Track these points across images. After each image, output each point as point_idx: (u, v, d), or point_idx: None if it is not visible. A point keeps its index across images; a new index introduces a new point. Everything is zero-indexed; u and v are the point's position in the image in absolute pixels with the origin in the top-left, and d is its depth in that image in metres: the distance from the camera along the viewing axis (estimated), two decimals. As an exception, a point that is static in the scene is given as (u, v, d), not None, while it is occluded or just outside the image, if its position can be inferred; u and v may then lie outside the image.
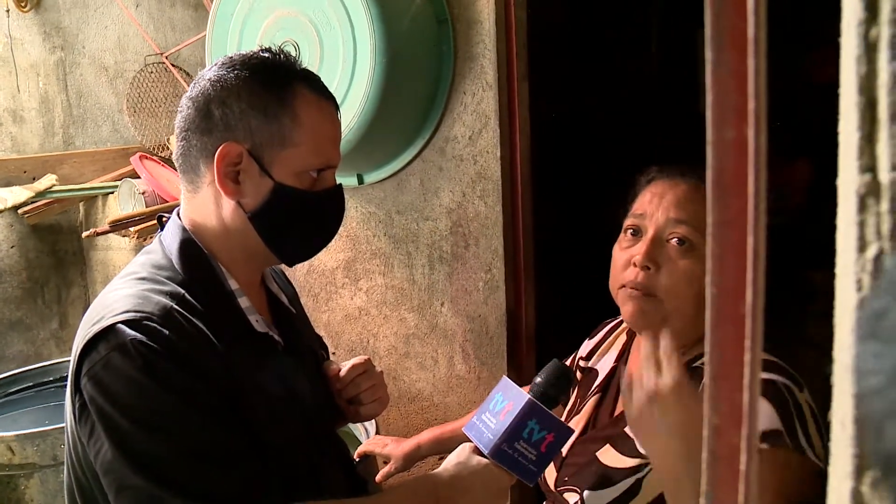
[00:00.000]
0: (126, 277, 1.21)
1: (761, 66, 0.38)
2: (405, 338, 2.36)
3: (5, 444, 2.09)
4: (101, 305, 1.15)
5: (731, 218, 0.41)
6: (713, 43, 0.40)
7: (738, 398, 0.42)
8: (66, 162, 3.16)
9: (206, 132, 1.18)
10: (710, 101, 0.41)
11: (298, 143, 1.18)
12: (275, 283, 1.40)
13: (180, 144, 1.22)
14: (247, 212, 1.19)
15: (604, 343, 1.58)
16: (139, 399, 1.06)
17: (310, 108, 1.19)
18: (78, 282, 3.43)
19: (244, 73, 1.18)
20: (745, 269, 0.40)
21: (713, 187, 0.41)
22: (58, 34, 3.35)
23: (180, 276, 1.19)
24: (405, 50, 1.97)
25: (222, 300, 1.21)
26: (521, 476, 1.20)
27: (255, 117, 1.16)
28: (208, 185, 1.20)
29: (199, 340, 1.12)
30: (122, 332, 1.07)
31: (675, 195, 1.32)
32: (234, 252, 1.23)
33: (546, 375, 1.24)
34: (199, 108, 1.18)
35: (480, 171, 2.11)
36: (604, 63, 3.79)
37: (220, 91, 1.17)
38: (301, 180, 1.20)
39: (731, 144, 0.40)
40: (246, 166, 1.17)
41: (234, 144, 1.16)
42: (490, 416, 1.23)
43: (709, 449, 0.43)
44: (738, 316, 0.41)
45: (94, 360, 1.08)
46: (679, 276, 1.28)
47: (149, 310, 1.10)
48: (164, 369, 1.06)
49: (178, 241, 1.22)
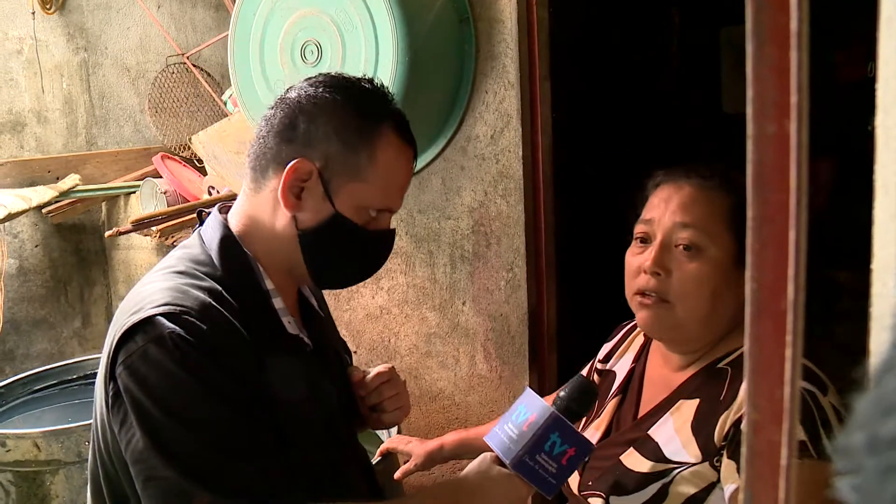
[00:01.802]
0: (163, 270, 1.22)
1: (804, 60, 0.38)
2: (426, 337, 2.36)
3: (31, 441, 2.11)
4: (138, 296, 1.16)
5: (771, 213, 0.41)
6: (754, 38, 0.40)
7: (779, 394, 0.41)
8: (89, 162, 3.19)
9: (286, 141, 1.19)
10: (751, 96, 0.41)
11: (368, 181, 1.19)
12: (307, 287, 1.41)
13: (258, 143, 1.24)
14: (299, 228, 1.20)
15: (621, 345, 1.58)
16: (174, 391, 1.07)
17: (389, 150, 1.20)
18: (100, 281, 3.46)
19: (339, 97, 1.19)
20: (786, 264, 0.40)
21: (753, 182, 0.41)
22: (81, 35, 3.37)
23: (218, 273, 1.20)
24: (427, 49, 1.98)
25: (258, 299, 1.22)
26: (539, 488, 1.20)
27: (337, 143, 1.17)
28: (270, 191, 1.21)
29: (235, 338, 1.13)
30: (161, 324, 1.08)
31: (681, 198, 1.32)
32: (275, 257, 1.24)
33: (570, 390, 1.24)
34: (286, 115, 1.20)
35: (502, 170, 2.11)
36: (624, 63, 3.78)
37: (311, 106, 1.19)
38: (359, 215, 1.21)
39: (772, 139, 0.40)
40: (312, 186, 1.18)
41: (308, 162, 1.17)
42: (513, 426, 1.23)
43: (748, 445, 0.43)
44: (778, 311, 0.41)
45: (131, 349, 1.09)
46: (688, 280, 1.28)
47: (188, 304, 1.11)
48: (199, 364, 1.08)
49: (218, 237, 1.23)
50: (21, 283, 3.27)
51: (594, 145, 3.51)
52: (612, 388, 1.51)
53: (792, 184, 0.39)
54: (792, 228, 0.39)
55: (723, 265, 1.28)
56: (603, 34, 3.74)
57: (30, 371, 2.68)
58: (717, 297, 1.28)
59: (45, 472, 2.13)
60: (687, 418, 1.28)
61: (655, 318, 1.32)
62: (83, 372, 2.73)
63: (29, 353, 3.30)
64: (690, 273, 1.28)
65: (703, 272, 1.27)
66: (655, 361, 1.45)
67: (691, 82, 3.87)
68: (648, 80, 3.80)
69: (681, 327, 1.31)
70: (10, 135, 3.27)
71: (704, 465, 1.23)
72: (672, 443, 1.28)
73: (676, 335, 1.34)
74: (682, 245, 1.29)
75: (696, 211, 1.30)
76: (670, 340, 1.38)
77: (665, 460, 1.26)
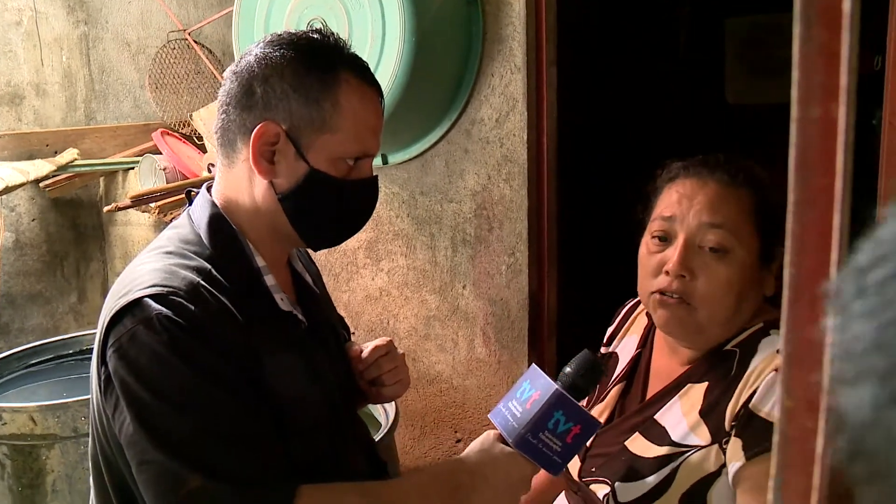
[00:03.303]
0: (153, 251, 1.21)
1: (854, 42, 0.38)
2: (426, 320, 2.36)
3: (27, 415, 2.11)
4: (128, 278, 1.15)
5: (813, 197, 0.40)
6: (803, 19, 0.39)
7: (815, 380, 0.41)
8: (87, 136, 3.17)
9: (247, 109, 1.16)
10: (797, 79, 0.40)
11: (337, 130, 1.16)
12: (300, 263, 1.39)
13: (220, 118, 1.21)
14: (278, 193, 1.18)
15: (623, 326, 1.55)
16: (163, 374, 1.06)
17: (352, 96, 1.17)
18: (97, 256, 3.44)
19: (290, 53, 1.16)
20: (828, 249, 0.39)
21: (796, 166, 0.40)
22: (81, 8, 3.34)
23: (208, 251, 1.18)
24: (434, 29, 1.96)
25: (249, 277, 1.20)
26: (544, 466, 1.18)
27: (297, 99, 1.15)
28: (243, 162, 1.19)
29: (225, 317, 1.11)
30: (149, 306, 1.07)
31: (707, 196, 1.26)
32: (262, 230, 1.22)
33: (576, 366, 1.21)
34: (241, 84, 1.17)
35: (506, 154, 2.10)
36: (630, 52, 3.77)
37: (264, 69, 1.16)
38: (336, 167, 1.18)
39: (818, 122, 0.39)
40: (282, 147, 1.16)
41: (273, 124, 1.15)
42: (516, 404, 1.21)
43: (781, 431, 0.43)
44: (817, 296, 0.40)
45: (119, 332, 1.08)
46: (717, 285, 1.23)
47: (175, 284, 1.10)
48: (188, 345, 1.06)
49: (206, 216, 1.21)
50: (17, 256, 3.25)
51: (598, 132, 3.51)
52: (614, 371, 1.49)
53: (839, 167, 0.38)
54: (837, 213, 0.39)
55: (748, 266, 1.24)
56: (610, 22, 3.72)
57: (25, 345, 2.67)
58: (741, 299, 1.25)
59: (40, 447, 2.13)
60: (695, 402, 1.26)
61: (676, 319, 1.27)
62: (79, 347, 2.72)
63: (24, 327, 3.28)
64: (719, 276, 1.23)
65: (731, 275, 1.23)
66: (662, 352, 1.42)
67: (696, 72, 3.86)
68: (654, 68, 3.79)
69: (702, 329, 1.27)
70: (8, 107, 3.24)
71: (714, 448, 1.21)
72: (680, 427, 1.26)
73: (696, 335, 1.30)
74: (709, 247, 1.24)
75: (724, 211, 1.24)
76: (685, 338, 1.34)
77: (673, 444, 1.25)
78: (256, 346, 1.14)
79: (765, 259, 1.26)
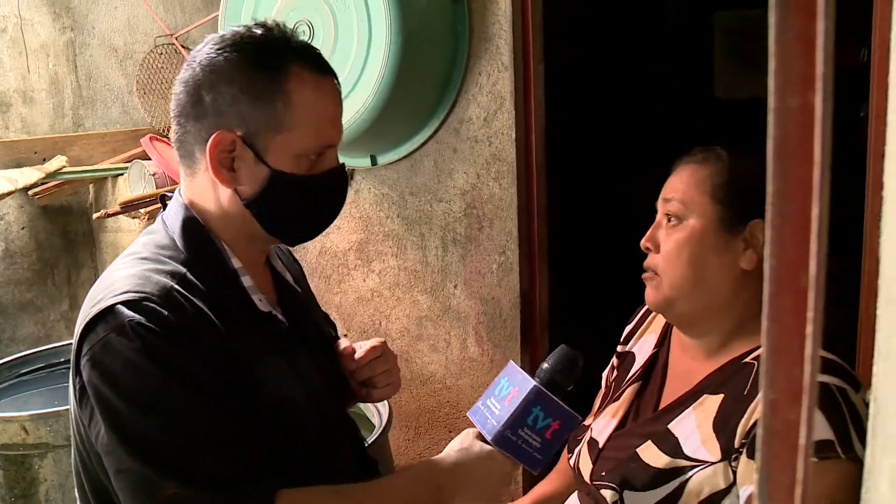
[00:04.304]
0: (128, 257, 1.19)
1: (830, 29, 0.37)
2: (418, 320, 2.35)
3: (19, 424, 2.09)
4: (102, 285, 1.14)
5: (792, 187, 0.40)
6: (778, 6, 0.39)
7: (797, 372, 0.41)
8: (76, 143, 3.15)
9: (198, 118, 1.13)
10: (774, 68, 0.39)
11: (293, 127, 1.13)
12: (279, 262, 1.37)
13: (175, 129, 1.18)
14: (243, 199, 1.16)
15: (641, 325, 1.56)
16: (136, 381, 1.04)
17: (304, 89, 1.13)
18: (88, 263, 3.43)
19: (234, 55, 1.12)
20: (807, 240, 0.39)
21: (774, 157, 0.40)
22: (67, 15, 3.33)
23: (182, 255, 1.16)
24: (420, 29, 1.96)
25: (225, 279, 1.19)
26: (525, 463, 1.18)
27: (247, 102, 1.11)
28: (204, 172, 1.16)
29: (200, 321, 1.10)
30: (121, 314, 1.05)
31: (673, 178, 1.35)
32: (235, 232, 1.20)
33: (553, 361, 1.21)
34: (189, 94, 1.14)
35: (495, 152, 2.10)
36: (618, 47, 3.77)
37: (209, 75, 1.12)
38: (299, 164, 1.15)
39: (796, 112, 0.39)
40: (240, 153, 1.13)
41: (227, 132, 1.11)
42: (495, 401, 1.21)
43: (764, 425, 0.42)
44: (798, 288, 0.40)
45: (92, 341, 1.06)
46: (669, 249, 1.30)
47: (148, 290, 1.08)
48: (162, 351, 1.05)
49: (180, 220, 1.19)
50: (7, 265, 3.23)
51: (588, 129, 3.50)
52: (630, 370, 1.48)
53: (816, 157, 0.38)
54: (815, 203, 0.38)
55: (701, 231, 1.29)
56: (597, 17, 3.72)
57: (16, 354, 2.66)
58: (696, 263, 1.29)
59: (33, 456, 2.12)
60: (709, 414, 1.25)
61: (650, 291, 1.34)
62: (70, 355, 2.71)
63: (15, 336, 3.27)
64: (670, 243, 1.31)
65: (680, 239, 1.29)
66: (677, 350, 1.43)
67: (685, 67, 3.86)
68: (642, 64, 3.79)
69: (672, 301, 1.32)
70: (-5, 115, 3.23)
71: (723, 465, 1.19)
72: (692, 439, 1.25)
73: (673, 310, 1.34)
74: (666, 217, 1.33)
75: (678, 185, 1.33)
76: (673, 318, 1.38)
77: (684, 457, 1.24)
78: (235, 348, 1.12)
79: (726, 226, 1.28)
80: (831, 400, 1.12)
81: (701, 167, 1.33)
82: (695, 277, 1.29)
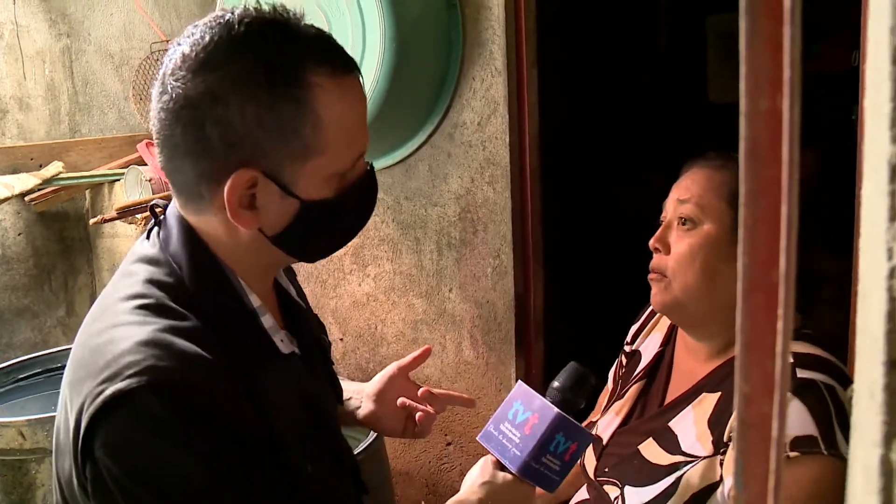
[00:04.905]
0: (133, 302, 1.00)
1: (797, 35, 0.39)
2: (413, 324, 2.36)
3: (16, 430, 2.10)
4: (109, 346, 0.96)
5: (763, 187, 0.41)
6: (748, 12, 0.40)
7: (770, 366, 0.42)
8: (72, 149, 3.17)
9: (202, 157, 0.95)
10: (745, 72, 0.41)
11: (325, 150, 0.97)
12: (284, 277, 1.24)
13: (167, 166, 0.99)
14: (269, 236, 1.01)
15: (647, 324, 1.57)
16: (166, 474, 0.93)
17: (331, 101, 0.96)
18: (84, 269, 3.43)
19: (236, 72, 0.92)
20: (777, 237, 0.40)
21: (746, 157, 0.41)
22: (63, 21, 3.34)
23: (193, 298, 1.01)
24: (414, 35, 1.97)
25: (245, 322, 1.05)
26: (543, 487, 1.18)
27: (265, 132, 0.93)
28: (217, 210, 0.99)
29: (228, 391, 0.97)
30: (143, 399, 0.90)
31: (686, 180, 1.36)
32: (250, 265, 1.06)
33: (563, 380, 1.20)
34: (185, 127, 0.94)
35: (489, 156, 2.12)
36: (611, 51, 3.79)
37: (209, 103, 0.92)
38: (331, 185, 1.00)
39: (765, 114, 0.40)
40: (262, 188, 0.96)
41: (244, 171, 0.94)
42: (511, 427, 1.18)
43: (739, 417, 0.44)
44: (770, 284, 0.41)
45: (111, 428, 0.92)
46: (682, 252, 1.30)
47: (170, 364, 0.92)
48: (189, 438, 0.92)
49: (187, 252, 1.02)
50: (4, 271, 3.24)
51: (582, 131, 3.52)
52: (636, 369, 1.49)
53: (784, 158, 0.39)
54: (784, 202, 0.40)
55: (716, 238, 1.29)
56: (590, 22, 3.74)
57: (13, 360, 2.66)
58: (709, 270, 1.29)
59: (30, 461, 2.12)
60: (706, 411, 1.27)
61: (657, 293, 1.34)
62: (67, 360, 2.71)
63: (12, 342, 3.27)
64: (683, 246, 1.30)
65: (694, 244, 1.29)
66: (682, 350, 1.44)
67: (678, 71, 3.88)
68: (636, 67, 3.81)
69: (680, 305, 1.32)
70: (-9, 122, 3.24)
71: (715, 460, 1.21)
72: (688, 435, 1.27)
73: (680, 314, 1.35)
74: (679, 220, 1.32)
75: (693, 188, 1.33)
76: (679, 321, 1.39)
77: (681, 453, 1.26)
78: (261, 404, 1.00)
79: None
80: (818, 396, 1.13)
81: (718, 172, 1.33)
82: (707, 283, 1.29)
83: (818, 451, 1.09)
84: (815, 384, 1.14)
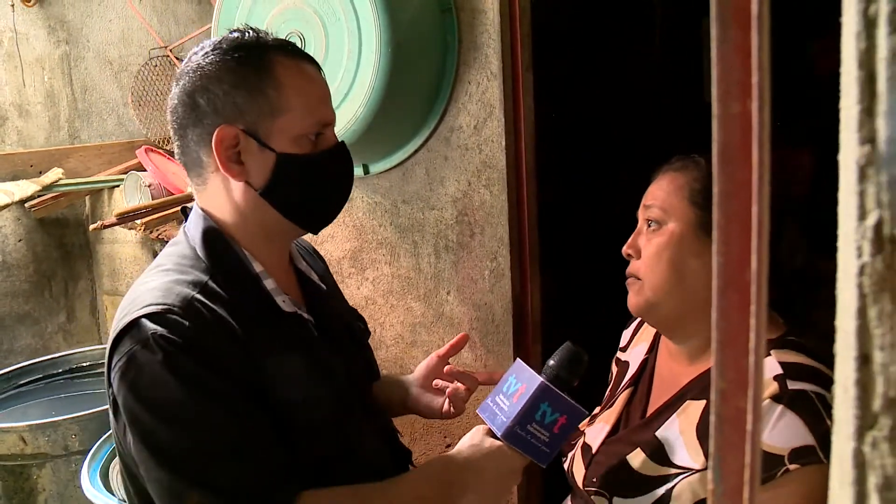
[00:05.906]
0: (153, 270, 1.24)
1: (764, 42, 0.40)
2: (412, 327, 2.37)
3: (17, 435, 2.12)
4: (129, 299, 1.19)
5: (735, 188, 0.42)
6: (718, 20, 0.42)
7: (744, 363, 0.43)
8: (72, 156, 3.18)
9: (198, 123, 1.20)
10: (716, 77, 0.42)
11: (289, 109, 1.19)
12: (304, 262, 1.42)
13: (178, 143, 1.25)
14: (256, 189, 1.21)
15: (636, 333, 1.59)
16: (160, 393, 1.09)
17: (291, 73, 1.20)
18: (85, 275, 3.45)
19: (218, 57, 1.20)
20: (749, 238, 0.42)
21: (718, 159, 0.43)
22: (62, 28, 3.36)
23: (204, 264, 1.21)
24: (410, 40, 1.98)
25: (247, 284, 1.23)
26: (533, 457, 1.22)
27: (240, 95, 1.18)
28: (214, 174, 1.23)
29: (222, 329, 1.14)
30: (144, 327, 1.10)
31: (652, 186, 1.39)
32: (254, 236, 1.26)
33: (558, 358, 1.25)
34: (185, 102, 1.21)
35: (486, 160, 2.13)
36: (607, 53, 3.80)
37: (200, 79, 1.19)
38: (301, 145, 1.21)
39: (737, 118, 0.42)
40: (245, 145, 1.19)
41: (227, 127, 1.18)
42: (503, 398, 1.25)
43: (716, 412, 0.45)
44: (743, 283, 0.43)
45: (120, 354, 1.11)
46: (650, 253, 1.33)
47: (170, 301, 1.13)
48: (185, 363, 1.09)
49: (200, 230, 1.24)
50: (4, 278, 3.26)
51: (577, 135, 3.53)
52: (623, 378, 1.51)
53: (754, 160, 0.41)
54: (755, 203, 0.41)
55: (680, 235, 1.32)
56: (585, 24, 3.76)
57: (15, 365, 2.68)
58: (677, 266, 1.31)
59: (31, 466, 2.14)
60: (692, 420, 1.27)
61: (632, 296, 1.37)
62: (68, 366, 2.73)
63: (13, 348, 3.29)
64: (651, 247, 1.33)
65: (661, 243, 1.32)
66: (664, 356, 1.46)
67: (674, 72, 3.89)
68: (630, 69, 3.82)
69: (653, 305, 1.34)
70: (-9, 129, 3.26)
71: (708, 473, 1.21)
72: (678, 446, 1.27)
73: (656, 315, 1.37)
74: (647, 223, 1.36)
75: (658, 193, 1.36)
76: (656, 323, 1.41)
77: (670, 464, 1.26)
78: (257, 353, 1.16)
79: (705, 230, 1.31)
80: (810, 406, 1.13)
81: (680, 174, 1.36)
82: (675, 280, 1.32)
83: (817, 461, 1.10)
84: (806, 394, 1.15)
